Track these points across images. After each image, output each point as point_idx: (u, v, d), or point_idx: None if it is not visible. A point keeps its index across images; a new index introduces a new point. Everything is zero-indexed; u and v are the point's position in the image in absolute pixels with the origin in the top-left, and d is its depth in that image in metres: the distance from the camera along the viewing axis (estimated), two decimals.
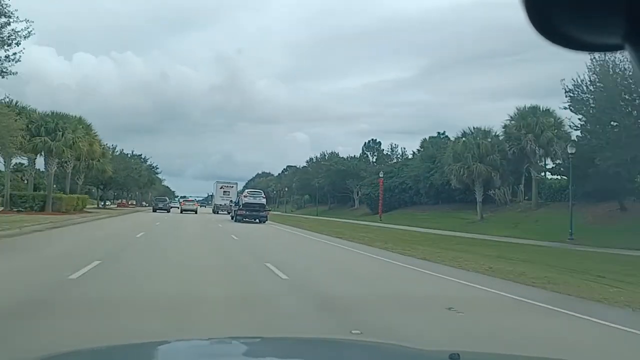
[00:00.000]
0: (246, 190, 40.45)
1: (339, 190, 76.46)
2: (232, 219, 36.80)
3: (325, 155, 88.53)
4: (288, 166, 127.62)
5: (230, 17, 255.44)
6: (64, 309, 6.09)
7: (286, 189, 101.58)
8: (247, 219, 33.02)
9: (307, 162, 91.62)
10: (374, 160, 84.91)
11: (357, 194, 73.54)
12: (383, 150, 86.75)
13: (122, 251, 12.97)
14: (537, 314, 7.10)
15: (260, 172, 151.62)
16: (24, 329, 5.00)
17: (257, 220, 33.41)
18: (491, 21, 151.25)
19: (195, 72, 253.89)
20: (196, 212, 49.77)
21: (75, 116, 36.79)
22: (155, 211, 50.05)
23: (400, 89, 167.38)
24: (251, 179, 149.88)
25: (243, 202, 34.74)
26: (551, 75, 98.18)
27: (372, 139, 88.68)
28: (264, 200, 35.28)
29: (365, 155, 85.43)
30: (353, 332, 5.15)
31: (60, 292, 7.09)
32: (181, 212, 48.93)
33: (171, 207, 55.08)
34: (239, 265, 11.45)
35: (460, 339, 5.23)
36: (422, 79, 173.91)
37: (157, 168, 77.26)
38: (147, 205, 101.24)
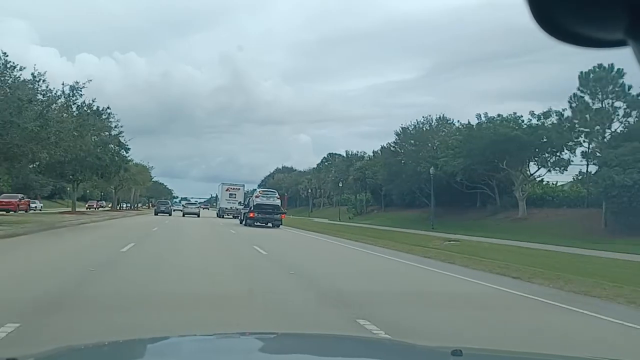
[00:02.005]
0: (258, 190, 35.57)
1: (477, 180, 41.03)
2: (240, 222, 33.47)
3: (442, 119, 51.26)
4: (330, 154, 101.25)
5: (233, 18, 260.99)
6: None
7: (340, 184, 69.92)
8: (258, 223, 29.67)
9: (396, 134, 53.77)
10: (599, 105, 36.22)
11: (522, 189, 39.08)
12: (627, 87, 35.44)
13: None
14: None
15: (280, 167, 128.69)
16: None
17: (270, 225, 29.81)
18: (495, 23, 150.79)
19: (199, 73, 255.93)
20: (199, 216, 47.85)
21: None
22: (157, 214, 49.06)
23: (404, 91, 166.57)
24: (269, 175, 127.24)
25: (254, 203, 30.47)
26: (555, 77, 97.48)
27: (599, 64, 35.93)
28: (278, 202, 31.39)
29: (581, 99, 36.62)
30: None
31: None
32: (183, 216, 46.79)
33: (173, 210, 54.71)
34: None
35: None
36: (426, 81, 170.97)
37: (123, 135, 39.11)
38: (128, 207, 73.46)
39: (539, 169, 40.93)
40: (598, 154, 35.23)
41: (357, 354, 1.98)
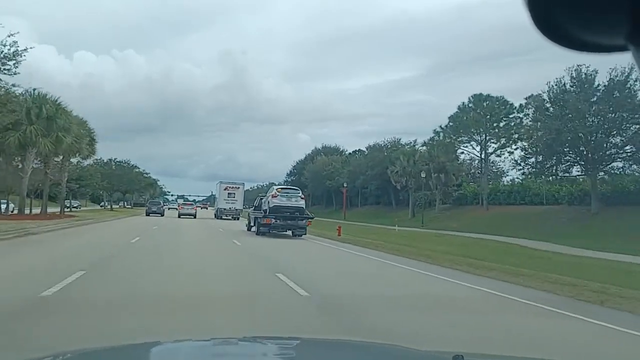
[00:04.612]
0: (275, 189, 25.29)
1: None
2: (248, 229, 26.36)
3: None
4: (474, 95, 50.17)
5: (233, 18, 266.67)
6: None
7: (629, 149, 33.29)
8: (275, 231, 22.77)
9: None
10: None
11: None
12: None
13: None
14: None
15: (319, 147, 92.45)
16: None
17: (290, 232, 23.01)
18: (495, 22, 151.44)
19: (199, 72, 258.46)
20: (195, 217, 46.00)
21: None
22: (148, 215, 47.16)
23: (404, 90, 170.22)
24: (306, 158, 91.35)
25: (272, 205, 22.73)
26: (555, 76, 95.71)
27: None
28: (302, 203, 23.47)
29: None
30: None
31: None
32: (179, 217, 45.02)
33: (168, 209, 52.79)
34: None
35: None
36: (426, 80, 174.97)
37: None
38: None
39: None
40: None
41: (359, 359, 1.93)
